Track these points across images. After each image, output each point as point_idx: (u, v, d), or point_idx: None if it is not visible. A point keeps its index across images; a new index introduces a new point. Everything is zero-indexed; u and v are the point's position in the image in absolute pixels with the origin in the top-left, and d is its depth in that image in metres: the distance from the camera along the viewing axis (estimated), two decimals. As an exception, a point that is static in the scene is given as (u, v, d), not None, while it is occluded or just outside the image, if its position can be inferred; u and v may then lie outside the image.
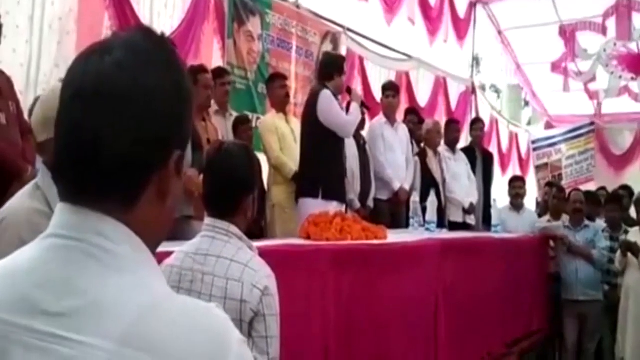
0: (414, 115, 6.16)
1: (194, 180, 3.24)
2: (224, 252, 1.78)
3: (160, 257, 1.89)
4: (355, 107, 4.19)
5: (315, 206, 3.74)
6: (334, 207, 3.83)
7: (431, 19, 8.12)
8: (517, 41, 9.83)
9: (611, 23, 8.53)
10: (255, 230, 4.16)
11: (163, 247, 2.32)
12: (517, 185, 6.06)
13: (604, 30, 8.70)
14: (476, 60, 9.80)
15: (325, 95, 4.00)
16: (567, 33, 9.08)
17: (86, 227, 0.68)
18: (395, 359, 3.10)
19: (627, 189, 6.42)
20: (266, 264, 1.81)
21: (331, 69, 4.19)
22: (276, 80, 4.81)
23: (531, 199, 7.99)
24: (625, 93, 9.16)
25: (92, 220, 0.69)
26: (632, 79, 8.86)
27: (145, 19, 4.64)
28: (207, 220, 1.87)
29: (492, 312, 4.15)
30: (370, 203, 5.00)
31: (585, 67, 9.23)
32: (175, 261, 1.84)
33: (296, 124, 4.56)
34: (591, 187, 7.85)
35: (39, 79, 3.87)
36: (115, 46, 0.72)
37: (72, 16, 4.19)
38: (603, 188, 7.09)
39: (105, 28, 4.32)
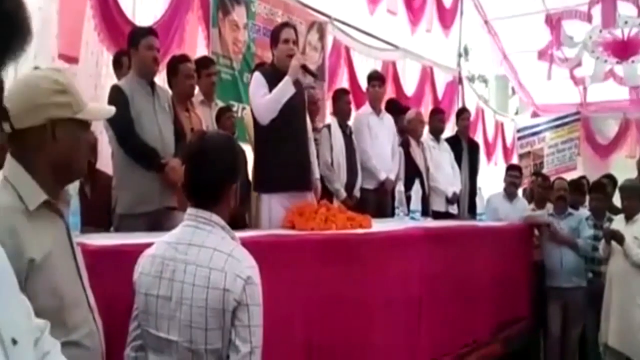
0: (397, 114, 5.91)
1: (177, 170, 3.19)
2: (206, 241, 1.78)
3: (143, 248, 1.88)
4: (285, 82, 3.38)
5: (265, 200, 3.58)
6: (281, 198, 3.50)
7: (413, 9, 8.10)
8: (503, 31, 9.84)
9: (596, 11, 8.58)
10: (240, 221, 4.15)
11: (146, 238, 2.31)
12: (513, 174, 5.98)
13: (589, 18, 8.75)
14: (465, 50, 9.79)
15: (253, 78, 3.58)
16: (553, 21, 9.13)
17: None
18: (379, 347, 3.12)
19: (610, 177, 6.45)
20: (249, 253, 1.80)
21: (271, 44, 3.66)
22: None
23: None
24: (610, 77, 9.20)
25: None
26: (617, 62, 8.90)
27: (127, 8, 4.58)
28: (189, 210, 1.85)
29: (477, 299, 4.17)
30: (357, 193, 5.00)
31: (571, 54, 9.27)
32: (157, 251, 1.83)
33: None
34: (573, 175, 7.89)
35: (18, 69, 3.81)
36: None
37: (53, 5, 4.12)
38: (584, 177, 7.13)
39: (87, 17, 4.26)
